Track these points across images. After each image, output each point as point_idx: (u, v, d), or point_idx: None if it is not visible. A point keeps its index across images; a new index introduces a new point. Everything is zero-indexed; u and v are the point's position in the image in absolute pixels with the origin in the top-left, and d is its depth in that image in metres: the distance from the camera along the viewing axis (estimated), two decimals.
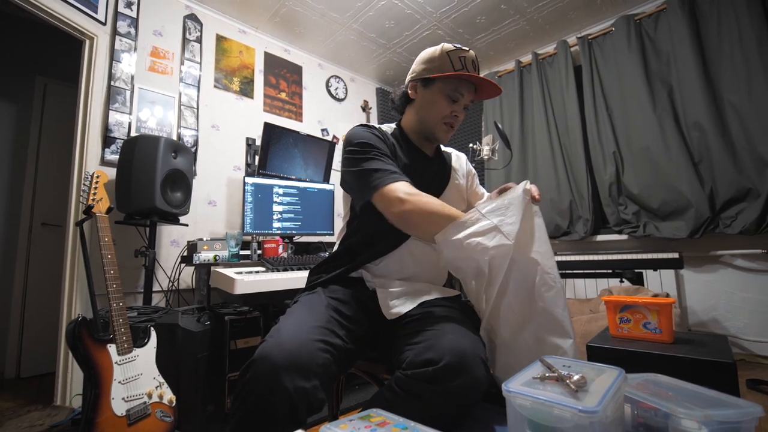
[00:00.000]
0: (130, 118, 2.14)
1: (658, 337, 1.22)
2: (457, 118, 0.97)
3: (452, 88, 0.94)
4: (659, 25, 2.48)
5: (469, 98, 0.97)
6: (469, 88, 0.96)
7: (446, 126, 0.98)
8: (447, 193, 1.06)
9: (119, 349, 1.28)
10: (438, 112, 0.96)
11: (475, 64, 0.96)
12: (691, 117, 2.33)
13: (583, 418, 0.55)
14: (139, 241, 2.02)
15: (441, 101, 0.95)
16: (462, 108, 0.97)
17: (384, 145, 0.96)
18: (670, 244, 2.43)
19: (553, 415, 0.57)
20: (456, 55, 0.94)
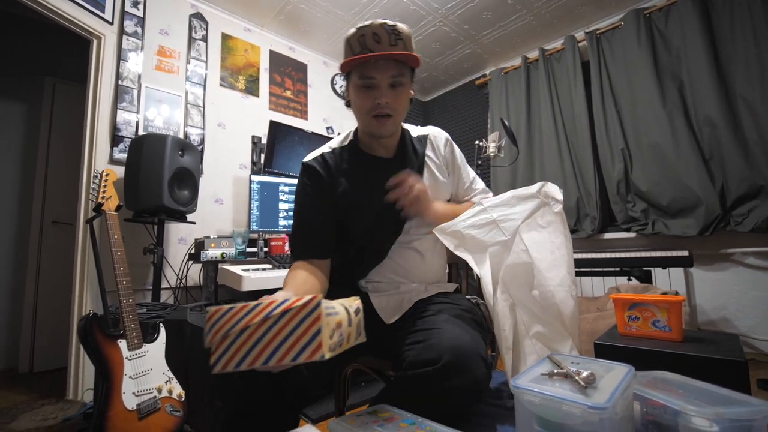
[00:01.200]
0: (138, 116, 2.16)
1: (667, 336, 1.21)
2: (382, 106, 0.82)
3: (359, 75, 0.81)
4: (670, 19, 2.44)
5: (387, 76, 0.80)
6: (380, 67, 0.79)
7: (376, 119, 0.84)
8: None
9: (129, 345, 1.30)
10: (361, 106, 0.84)
11: (380, 35, 0.79)
12: (702, 112, 2.29)
13: (593, 415, 0.55)
14: (147, 238, 2.04)
15: (359, 94, 0.84)
16: (385, 92, 0.81)
17: (312, 190, 0.90)
18: (680, 242, 2.40)
19: (562, 411, 0.57)
20: (355, 38, 0.81)
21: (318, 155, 0.93)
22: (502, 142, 2.31)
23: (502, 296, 0.81)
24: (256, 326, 0.41)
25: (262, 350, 0.41)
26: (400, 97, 0.84)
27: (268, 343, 0.41)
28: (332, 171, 0.91)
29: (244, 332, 0.42)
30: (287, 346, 0.40)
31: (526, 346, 0.79)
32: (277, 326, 0.41)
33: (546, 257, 0.89)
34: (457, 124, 3.60)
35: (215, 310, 0.43)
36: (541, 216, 0.88)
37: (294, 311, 0.41)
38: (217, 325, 0.43)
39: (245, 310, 0.43)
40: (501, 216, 0.83)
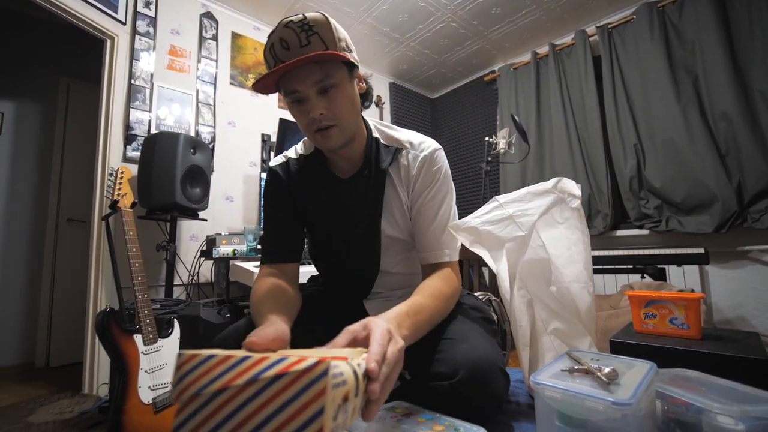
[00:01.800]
0: (150, 115, 2.18)
1: (685, 333, 1.19)
2: (317, 121, 0.69)
3: (285, 93, 0.70)
4: (684, 12, 2.40)
5: (311, 84, 0.67)
6: (300, 76, 0.66)
7: (319, 134, 0.71)
8: (387, 218, 0.82)
9: (145, 340, 1.31)
10: (300, 124, 0.73)
11: (288, 39, 0.65)
12: (718, 108, 2.25)
13: (616, 411, 0.54)
14: (160, 235, 2.06)
15: (292, 111, 0.73)
16: (316, 102, 0.68)
17: (275, 196, 0.86)
18: (695, 239, 2.36)
19: (584, 407, 0.56)
20: (267, 51, 0.69)
21: (283, 161, 0.87)
22: (512, 138, 2.29)
23: (519, 292, 0.81)
24: (238, 389, 0.31)
25: (241, 424, 0.30)
26: (337, 102, 0.69)
27: (251, 415, 0.30)
28: (292, 181, 0.85)
29: (221, 394, 0.31)
30: (276, 424, 0.29)
31: (544, 343, 0.79)
32: (265, 394, 0.30)
33: (563, 253, 0.88)
34: (466, 120, 3.58)
35: (189, 356, 0.33)
36: (559, 212, 0.87)
37: (291, 377, 0.30)
38: (188, 378, 0.32)
39: (227, 364, 0.32)
40: (517, 211, 0.82)
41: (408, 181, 0.81)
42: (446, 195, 0.82)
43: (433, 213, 0.80)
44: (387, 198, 0.81)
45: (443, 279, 0.75)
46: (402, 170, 0.81)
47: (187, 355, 0.33)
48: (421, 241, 0.81)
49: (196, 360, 0.33)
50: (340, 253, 0.87)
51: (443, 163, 0.82)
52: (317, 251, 0.95)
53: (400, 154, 0.82)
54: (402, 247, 0.86)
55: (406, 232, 0.85)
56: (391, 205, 0.82)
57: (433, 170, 0.80)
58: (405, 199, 0.82)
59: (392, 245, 0.85)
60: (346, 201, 0.83)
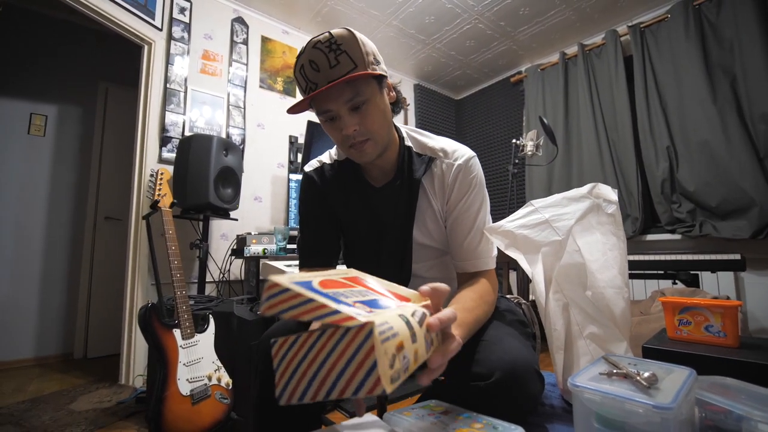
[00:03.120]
0: (184, 118, 2.27)
1: (721, 341, 1.16)
2: (350, 137, 0.71)
3: (317, 112, 0.72)
4: (722, 10, 2.32)
5: (343, 103, 0.68)
6: (331, 96, 0.68)
7: (353, 148, 0.73)
8: (419, 227, 0.83)
9: (183, 334, 1.38)
10: (334, 140, 0.76)
11: (317, 61, 0.67)
12: (758, 109, 2.16)
13: (656, 414, 0.54)
14: (192, 234, 2.14)
15: (326, 128, 0.75)
16: (348, 120, 0.70)
17: (311, 201, 0.88)
18: (729, 244, 2.28)
19: (624, 410, 0.57)
20: (298, 73, 0.70)
21: (318, 166, 0.89)
22: (540, 140, 2.27)
23: (554, 296, 0.81)
24: (316, 352, 0.37)
25: (323, 381, 0.36)
26: (369, 116, 0.71)
27: (327, 373, 0.36)
28: (328, 186, 0.86)
29: (305, 360, 0.37)
30: (346, 378, 0.35)
31: (580, 347, 0.79)
32: (334, 355, 0.36)
33: (598, 258, 0.88)
34: (491, 122, 3.55)
35: (282, 341, 0.39)
36: (595, 217, 0.87)
37: (348, 338, 0.35)
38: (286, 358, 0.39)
39: (311, 340, 0.38)
40: (553, 216, 0.83)
41: (443, 191, 0.81)
42: (482, 203, 0.81)
43: (470, 223, 0.80)
44: (420, 207, 0.81)
45: (484, 286, 0.76)
46: (436, 179, 0.81)
47: (280, 340, 0.39)
48: (458, 251, 0.81)
49: (288, 342, 0.39)
50: (370, 259, 0.89)
51: (478, 171, 0.82)
52: (350, 258, 0.98)
53: (433, 163, 0.81)
54: (435, 254, 0.87)
55: (439, 240, 0.85)
56: (423, 214, 0.82)
57: (468, 179, 0.80)
58: (438, 208, 0.82)
59: (424, 251, 0.86)
60: (378, 210, 0.84)
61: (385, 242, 0.85)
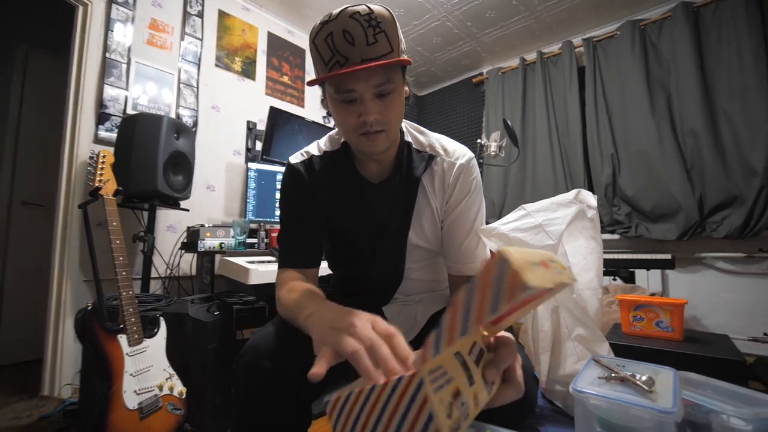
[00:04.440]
0: (127, 93, 2.02)
1: (670, 335, 1.28)
2: (367, 125, 0.65)
3: (335, 89, 0.64)
4: (663, 33, 2.55)
5: (371, 87, 0.62)
6: (361, 77, 0.61)
7: (365, 137, 0.67)
8: (414, 227, 0.80)
9: (130, 340, 1.22)
10: (344, 124, 0.68)
11: (353, 32, 0.60)
12: (687, 124, 2.41)
13: (662, 418, 0.57)
14: (135, 225, 1.92)
15: (338, 110, 0.67)
16: (371, 106, 0.64)
17: (297, 196, 0.80)
18: (659, 245, 2.53)
19: (629, 415, 0.59)
20: (322, 40, 0.62)
21: (306, 158, 0.81)
22: (503, 141, 2.34)
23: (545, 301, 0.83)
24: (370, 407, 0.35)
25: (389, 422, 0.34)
26: (392, 107, 0.66)
27: (386, 428, 0.34)
28: (317, 180, 0.79)
29: (361, 414, 0.36)
30: (410, 421, 0.33)
31: (568, 348, 0.81)
32: (388, 409, 0.34)
33: (579, 262, 0.91)
34: (452, 120, 3.61)
35: (336, 398, 0.38)
36: (580, 222, 0.89)
37: (399, 390, 0.33)
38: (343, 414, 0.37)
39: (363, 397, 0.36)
40: (545, 220, 0.84)
41: (443, 190, 0.79)
42: (480, 205, 0.80)
43: (469, 225, 0.78)
44: (418, 207, 0.79)
45: None
46: (436, 178, 0.78)
47: (335, 396, 0.38)
48: (456, 253, 0.79)
49: (343, 397, 0.37)
50: (364, 260, 0.84)
51: (478, 172, 0.81)
52: (337, 257, 0.92)
53: (434, 161, 0.78)
54: (426, 255, 0.85)
55: (433, 241, 0.83)
56: (420, 214, 0.79)
57: (470, 180, 0.78)
58: (436, 207, 0.79)
59: (416, 253, 0.83)
60: (375, 208, 0.80)
61: (379, 243, 0.81)
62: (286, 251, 0.80)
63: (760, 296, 2.24)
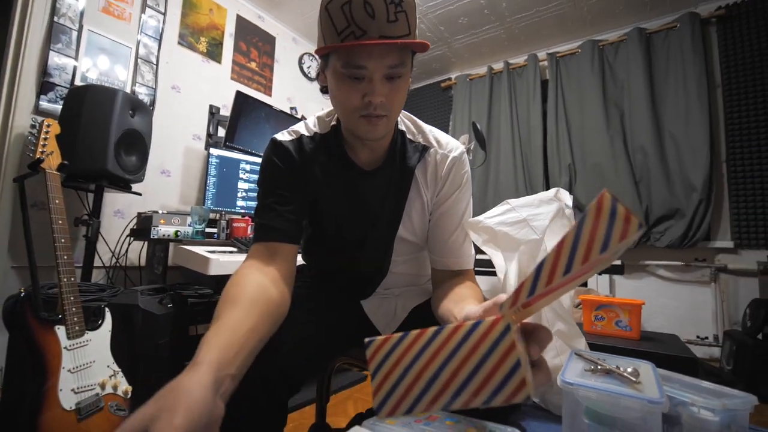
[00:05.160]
0: (76, 63, 1.82)
1: (628, 334, 1.35)
2: (374, 105, 0.61)
3: (344, 63, 0.59)
4: (619, 54, 2.74)
5: (383, 67, 0.59)
6: (375, 54, 0.58)
7: (366, 119, 0.63)
8: (404, 221, 0.78)
9: (69, 332, 1.09)
10: (345, 102, 0.63)
11: (374, 5, 0.56)
12: (638, 141, 2.61)
13: (651, 408, 0.58)
14: (78, 207, 1.73)
15: (342, 85, 0.62)
16: (379, 87, 0.60)
17: (284, 174, 0.73)
18: None
19: (619, 406, 0.59)
20: (337, 7, 0.56)
21: (295, 137, 0.75)
22: (471, 145, 2.38)
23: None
24: (432, 354, 0.31)
25: (443, 388, 0.30)
26: (399, 93, 0.63)
27: (451, 378, 0.30)
28: (307, 162, 0.73)
29: (415, 364, 0.32)
30: (477, 383, 0.29)
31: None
32: (458, 356, 0.31)
33: None
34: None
35: (382, 340, 0.33)
36: (560, 220, 0.91)
37: (478, 335, 0.30)
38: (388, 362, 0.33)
39: (424, 339, 0.32)
40: (530, 215, 0.85)
41: (435, 182, 0.77)
42: (469, 200, 0.80)
43: (458, 218, 0.77)
44: (409, 198, 0.76)
45: (475, 285, 0.74)
46: (429, 169, 0.76)
47: (379, 339, 0.34)
48: (442, 247, 0.77)
49: (391, 341, 0.33)
50: (350, 251, 0.80)
51: (468, 166, 0.80)
52: (320, 246, 0.86)
53: (427, 152, 0.76)
54: (411, 249, 0.83)
55: (420, 235, 0.81)
56: (411, 206, 0.77)
57: (461, 173, 0.77)
58: (427, 199, 0.77)
59: (403, 246, 0.81)
60: (366, 196, 0.76)
61: (369, 234, 0.77)
62: (261, 225, 0.72)
63: (695, 302, 2.46)
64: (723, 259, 2.41)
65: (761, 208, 2.29)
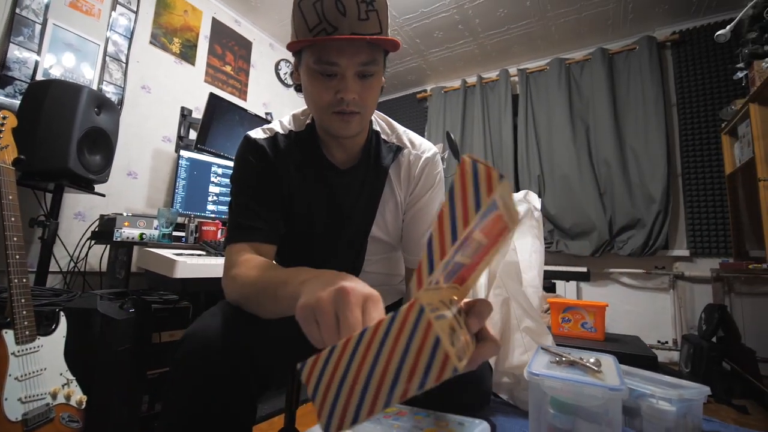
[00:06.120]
0: (38, 58, 1.74)
1: (593, 336, 1.40)
2: (346, 102, 0.62)
3: (316, 59, 0.60)
4: (584, 72, 2.89)
5: (355, 64, 0.60)
6: (346, 51, 0.59)
7: (338, 116, 0.64)
8: (378, 221, 0.78)
9: (18, 337, 1.01)
10: (318, 99, 0.64)
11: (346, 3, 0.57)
12: (602, 155, 2.74)
13: (612, 395, 0.60)
14: (34, 208, 1.64)
15: (314, 82, 0.63)
16: (352, 84, 0.61)
17: (259, 172, 0.73)
18: (575, 260, 2.80)
19: (582, 394, 0.61)
20: (309, 4, 0.58)
21: (270, 135, 0.75)
22: (444, 154, 2.43)
23: (496, 291, 0.85)
24: (362, 355, 0.32)
25: (379, 386, 0.30)
26: (371, 90, 0.64)
27: (383, 373, 0.31)
28: (281, 160, 0.73)
29: (349, 370, 0.32)
30: (407, 371, 0.30)
31: (516, 339, 0.84)
32: (386, 348, 0.31)
33: (525, 259, 0.96)
34: None
35: (313, 360, 0.33)
36: (528, 221, 0.94)
37: (398, 323, 0.31)
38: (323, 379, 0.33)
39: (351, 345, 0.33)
40: None
41: (408, 182, 0.78)
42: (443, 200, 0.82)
43: (431, 217, 0.79)
44: (383, 198, 0.77)
45: None
46: (402, 170, 0.78)
47: (310, 361, 0.33)
48: (416, 246, 0.79)
49: (321, 358, 0.33)
50: (322, 251, 0.80)
51: (441, 167, 0.82)
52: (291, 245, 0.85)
53: (401, 152, 0.78)
54: (384, 249, 0.83)
55: (393, 234, 0.82)
56: (384, 206, 0.78)
57: (434, 173, 0.79)
58: (400, 200, 0.79)
59: (375, 246, 0.81)
60: (340, 195, 0.76)
61: (341, 234, 0.77)
62: (240, 225, 0.71)
63: (656, 308, 2.58)
64: (680, 267, 2.55)
65: (713, 219, 2.45)
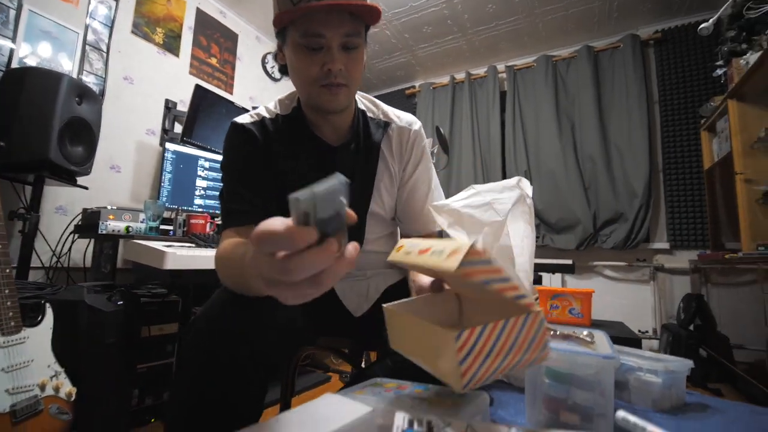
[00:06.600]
0: (13, 46, 1.68)
1: (580, 321, 1.43)
2: (333, 74, 0.63)
3: (301, 32, 0.61)
4: (570, 70, 2.95)
5: (340, 35, 0.61)
6: (332, 22, 0.60)
7: (327, 89, 0.65)
8: (374, 197, 0.80)
9: (4, 329, 0.99)
10: (305, 73, 0.64)
11: None
12: (587, 151, 2.80)
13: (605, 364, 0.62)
14: (12, 201, 1.59)
15: (300, 56, 0.63)
16: (338, 55, 0.62)
17: (248, 156, 0.73)
18: (560, 253, 2.86)
19: (576, 363, 0.63)
20: None
21: (257, 119, 0.75)
22: (434, 148, 2.45)
23: None
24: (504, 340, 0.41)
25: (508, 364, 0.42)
26: (356, 63, 0.65)
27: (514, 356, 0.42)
28: (271, 143, 0.73)
29: (494, 348, 0.41)
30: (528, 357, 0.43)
31: None
32: (519, 340, 0.42)
33: (518, 244, 0.97)
34: None
35: (468, 333, 0.40)
36: (519, 207, 0.96)
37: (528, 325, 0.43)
38: (474, 349, 0.40)
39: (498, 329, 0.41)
40: (493, 199, 0.88)
41: (401, 155, 0.81)
42: (432, 168, 0.86)
43: (427, 187, 0.83)
44: (377, 173, 0.79)
45: None
46: (394, 143, 0.80)
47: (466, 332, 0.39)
48: (418, 218, 0.82)
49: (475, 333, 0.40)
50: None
51: (426, 137, 0.86)
52: None
53: (389, 127, 0.80)
54: (382, 226, 0.84)
55: (388, 209, 0.83)
56: (379, 181, 0.79)
57: (422, 145, 0.83)
58: (395, 173, 0.81)
59: (374, 222, 0.82)
60: (315, 171, 0.75)
61: None
62: (230, 211, 0.71)
63: (637, 299, 2.65)
64: (660, 259, 2.63)
65: (692, 213, 2.54)
